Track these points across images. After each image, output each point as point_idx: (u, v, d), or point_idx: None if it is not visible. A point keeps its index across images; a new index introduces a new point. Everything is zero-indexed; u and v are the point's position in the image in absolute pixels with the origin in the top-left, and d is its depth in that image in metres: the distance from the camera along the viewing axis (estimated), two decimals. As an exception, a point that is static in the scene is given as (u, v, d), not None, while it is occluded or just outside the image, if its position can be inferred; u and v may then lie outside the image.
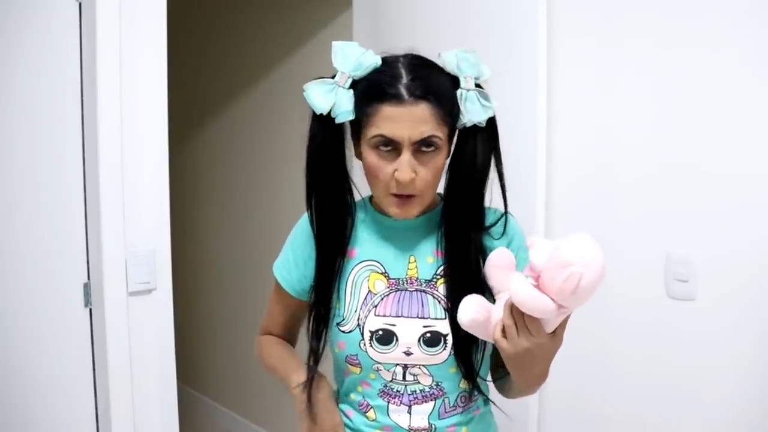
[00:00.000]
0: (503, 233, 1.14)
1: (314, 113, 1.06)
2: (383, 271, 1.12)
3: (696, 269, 1.53)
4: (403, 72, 1.03)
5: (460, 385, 1.12)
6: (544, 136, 1.75)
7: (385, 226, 1.15)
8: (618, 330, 1.69)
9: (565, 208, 1.77)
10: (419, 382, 1.10)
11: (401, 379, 1.10)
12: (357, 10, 2.36)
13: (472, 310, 0.99)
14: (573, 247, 0.92)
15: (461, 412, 1.13)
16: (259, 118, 3.11)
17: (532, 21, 1.73)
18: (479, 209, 1.12)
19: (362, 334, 1.09)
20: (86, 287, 1.74)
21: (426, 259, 1.13)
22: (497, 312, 0.99)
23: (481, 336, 1.02)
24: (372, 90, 1.03)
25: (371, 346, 1.09)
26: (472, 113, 1.07)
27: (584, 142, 1.75)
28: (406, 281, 1.12)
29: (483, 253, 1.10)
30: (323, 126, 1.06)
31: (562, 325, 0.98)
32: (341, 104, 1.04)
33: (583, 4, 1.72)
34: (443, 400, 1.11)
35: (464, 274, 1.09)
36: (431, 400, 1.11)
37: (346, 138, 1.10)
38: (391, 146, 1.03)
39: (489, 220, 1.14)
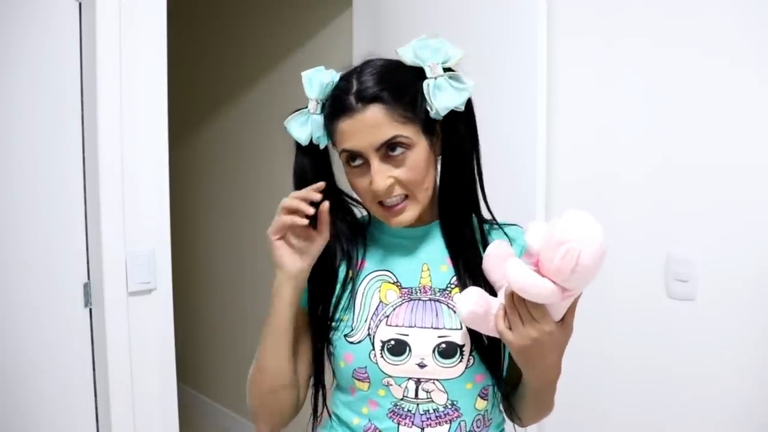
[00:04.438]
0: (510, 236, 1.10)
1: (295, 145, 1.06)
2: (395, 280, 1.07)
3: (696, 269, 1.53)
4: (354, 82, 1.00)
5: (477, 406, 1.05)
6: (544, 136, 1.76)
7: (395, 234, 1.10)
8: (618, 330, 1.69)
9: (565, 208, 1.76)
10: (433, 400, 1.02)
11: (413, 396, 1.02)
12: (357, 10, 2.36)
13: (471, 302, 0.93)
14: (568, 224, 0.87)
15: None
16: (259, 118, 3.11)
17: (531, 21, 1.73)
18: (475, 202, 1.08)
19: (373, 344, 1.02)
20: (86, 287, 1.74)
21: (440, 267, 1.07)
22: (498, 304, 0.95)
23: (483, 331, 0.96)
24: (329, 109, 1.02)
25: (382, 357, 1.02)
26: (444, 100, 0.99)
27: (584, 141, 1.75)
28: (420, 290, 1.06)
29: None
30: (306, 155, 1.06)
31: (571, 312, 0.93)
32: (316, 131, 1.04)
33: (583, 3, 1.72)
34: (459, 424, 1.03)
35: (474, 276, 1.03)
36: (446, 422, 1.03)
37: (333, 161, 1.08)
38: (359, 159, 1.00)
39: (498, 234, 1.10)
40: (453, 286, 1.06)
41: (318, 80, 1.02)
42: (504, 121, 1.81)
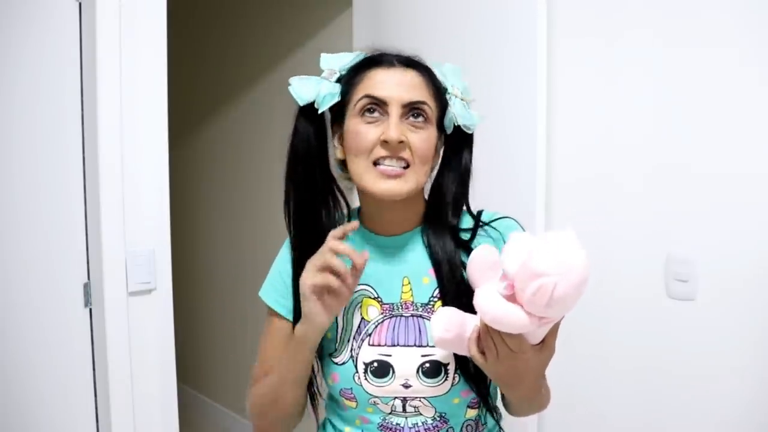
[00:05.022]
0: (496, 243, 1.04)
1: (298, 112, 1.03)
2: (376, 295, 1.03)
3: (696, 269, 1.53)
4: (392, 54, 1.03)
5: (467, 415, 1.04)
6: (544, 136, 1.75)
7: (375, 244, 1.05)
8: (618, 330, 1.69)
9: (565, 208, 1.77)
10: (421, 414, 1.02)
11: (401, 410, 1.02)
12: (357, 10, 2.36)
13: (440, 327, 0.88)
14: (547, 253, 0.78)
15: None
16: (259, 118, 3.11)
17: (531, 21, 1.73)
18: (459, 214, 1.06)
19: (356, 367, 1.00)
20: (86, 287, 1.74)
21: (421, 280, 1.03)
22: (473, 321, 0.88)
23: (460, 353, 0.92)
24: (362, 62, 1.02)
25: (366, 379, 1.00)
26: (461, 116, 1.02)
27: (584, 141, 1.75)
28: (401, 306, 1.02)
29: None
30: (308, 121, 1.02)
31: (552, 334, 0.87)
32: (326, 91, 1.01)
33: (583, 3, 1.72)
34: (448, 430, 1.03)
35: (457, 291, 0.99)
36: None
37: (329, 146, 1.05)
38: (378, 111, 0.98)
39: (485, 219, 1.07)
40: (436, 299, 1.02)
41: (338, 56, 1.04)
42: (504, 121, 1.81)
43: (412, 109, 0.98)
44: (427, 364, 0.99)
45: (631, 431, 1.68)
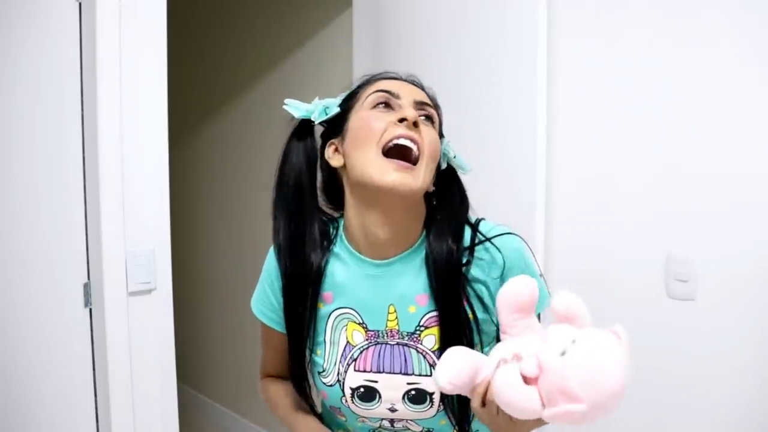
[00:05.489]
0: (495, 263, 0.99)
1: (290, 137, 1.05)
2: (360, 321, 1.01)
3: (696, 269, 1.53)
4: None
5: (456, 430, 1.03)
6: (544, 135, 1.75)
7: (361, 267, 1.02)
8: (618, 330, 1.69)
9: (566, 207, 1.77)
10: (409, 429, 1.03)
11: (390, 426, 1.03)
12: (357, 10, 2.36)
13: (445, 378, 0.81)
14: (585, 371, 0.71)
15: None
16: (259, 118, 3.11)
17: (531, 21, 1.73)
18: (461, 241, 1.00)
19: (343, 391, 1.01)
20: (86, 287, 1.74)
21: (407, 309, 1.00)
22: (487, 368, 0.82)
23: (463, 393, 0.86)
24: (367, 77, 1.05)
25: (353, 402, 1.01)
26: (455, 155, 1.05)
27: (585, 141, 1.75)
28: (386, 333, 1.00)
29: (471, 288, 0.99)
30: (300, 139, 1.04)
31: None
32: (326, 102, 1.04)
33: (583, 3, 1.72)
34: None
35: (456, 323, 0.97)
36: None
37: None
38: (390, 105, 0.99)
39: (484, 231, 1.02)
40: (422, 329, 0.99)
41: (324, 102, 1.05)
42: (504, 121, 1.81)
43: (421, 108, 1.00)
44: (413, 392, 0.99)
45: (631, 431, 1.68)
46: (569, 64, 1.75)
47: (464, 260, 0.99)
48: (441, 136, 1.04)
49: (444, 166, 1.05)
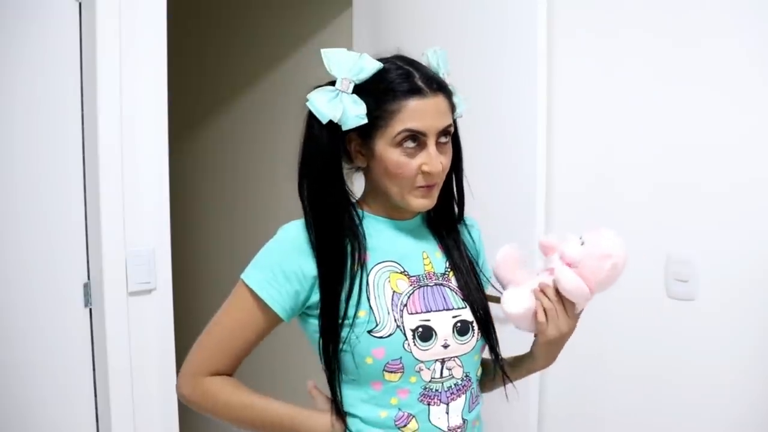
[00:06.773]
0: (474, 227, 1.25)
1: (313, 119, 1.05)
2: (402, 269, 1.11)
3: (696, 269, 1.53)
4: (410, 69, 1.07)
5: (477, 373, 1.15)
6: (544, 136, 1.75)
7: (389, 227, 1.14)
8: (618, 330, 1.69)
9: (566, 207, 1.77)
10: (453, 376, 1.10)
11: (439, 376, 1.08)
12: (357, 10, 2.36)
13: (525, 299, 1.07)
14: (610, 240, 1.04)
15: (479, 404, 1.16)
16: (259, 118, 3.10)
17: (531, 21, 1.73)
18: (462, 203, 1.19)
19: (405, 335, 1.05)
20: (86, 287, 1.74)
21: (435, 254, 1.16)
22: (530, 285, 1.09)
23: (520, 325, 1.10)
24: (390, 87, 1.04)
25: (415, 345, 1.05)
26: (458, 105, 1.13)
27: (585, 141, 1.75)
28: (426, 276, 1.12)
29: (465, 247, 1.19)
30: (327, 131, 1.05)
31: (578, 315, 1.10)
32: (350, 109, 1.03)
33: (583, 3, 1.72)
34: (470, 392, 1.12)
35: (467, 266, 1.16)
36: (463, 393, 1.11)
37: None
38: (416, 141, 1.05)
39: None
40: (449, 269, 1.16)
41: (351, 61, 1.05)
42: (504, 121, 1.81)
43: (443, 132, 1.07)
44: (459, 324, 1.10)
45: (631, 430, 1.68)
46: (569, 64, 1.75)
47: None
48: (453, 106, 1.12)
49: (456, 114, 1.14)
